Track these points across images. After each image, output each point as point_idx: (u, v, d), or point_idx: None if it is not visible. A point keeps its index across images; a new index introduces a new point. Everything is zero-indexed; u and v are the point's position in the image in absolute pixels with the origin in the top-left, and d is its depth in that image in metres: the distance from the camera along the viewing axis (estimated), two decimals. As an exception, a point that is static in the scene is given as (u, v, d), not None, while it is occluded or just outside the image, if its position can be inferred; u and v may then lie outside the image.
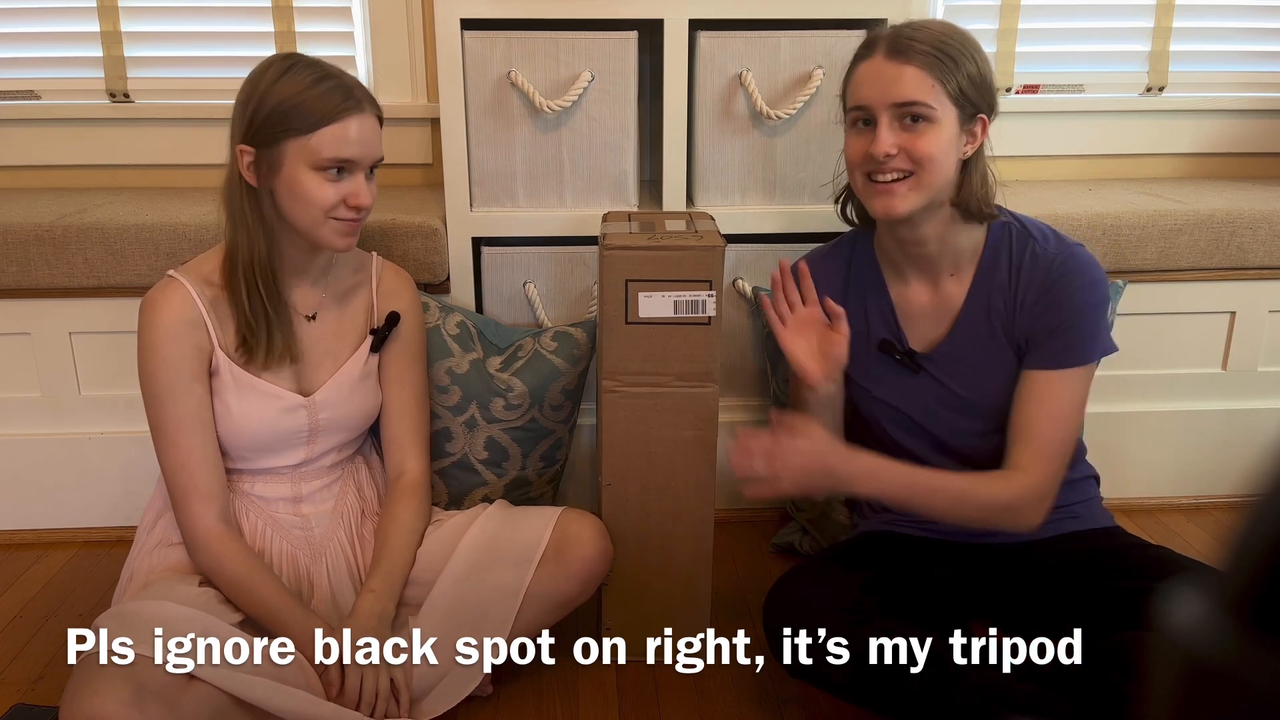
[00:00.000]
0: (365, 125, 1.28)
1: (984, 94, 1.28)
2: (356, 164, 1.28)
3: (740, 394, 1.87)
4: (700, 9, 1.66)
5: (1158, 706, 0.29)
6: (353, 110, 1.26)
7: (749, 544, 1.81)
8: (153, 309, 1.30)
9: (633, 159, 1.72)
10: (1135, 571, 1.30)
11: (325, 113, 1.24)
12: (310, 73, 1.26)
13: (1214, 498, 1.98)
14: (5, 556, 1.80)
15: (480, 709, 1.38)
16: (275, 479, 1.39)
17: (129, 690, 1.04)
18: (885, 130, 1.27)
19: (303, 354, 1.37)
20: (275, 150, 1.25)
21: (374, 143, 1.30)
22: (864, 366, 1.46)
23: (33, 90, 2.08)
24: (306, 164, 1.25)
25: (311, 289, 1.39)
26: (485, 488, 1.64)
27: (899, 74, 1.26)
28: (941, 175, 1.28)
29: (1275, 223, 1.82)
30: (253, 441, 1.34)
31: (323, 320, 1.40)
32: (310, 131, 1.24)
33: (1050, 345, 1.32)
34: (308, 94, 1.24)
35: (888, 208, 1.29)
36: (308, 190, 1.26)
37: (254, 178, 1.27)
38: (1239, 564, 0.27)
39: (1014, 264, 1.35)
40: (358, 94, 1.28)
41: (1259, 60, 2.18)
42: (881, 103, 1.27)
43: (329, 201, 1.27)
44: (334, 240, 1.30)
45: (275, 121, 1.24)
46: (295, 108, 1.24)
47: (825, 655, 1.21)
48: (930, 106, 1.25)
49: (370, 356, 1.43)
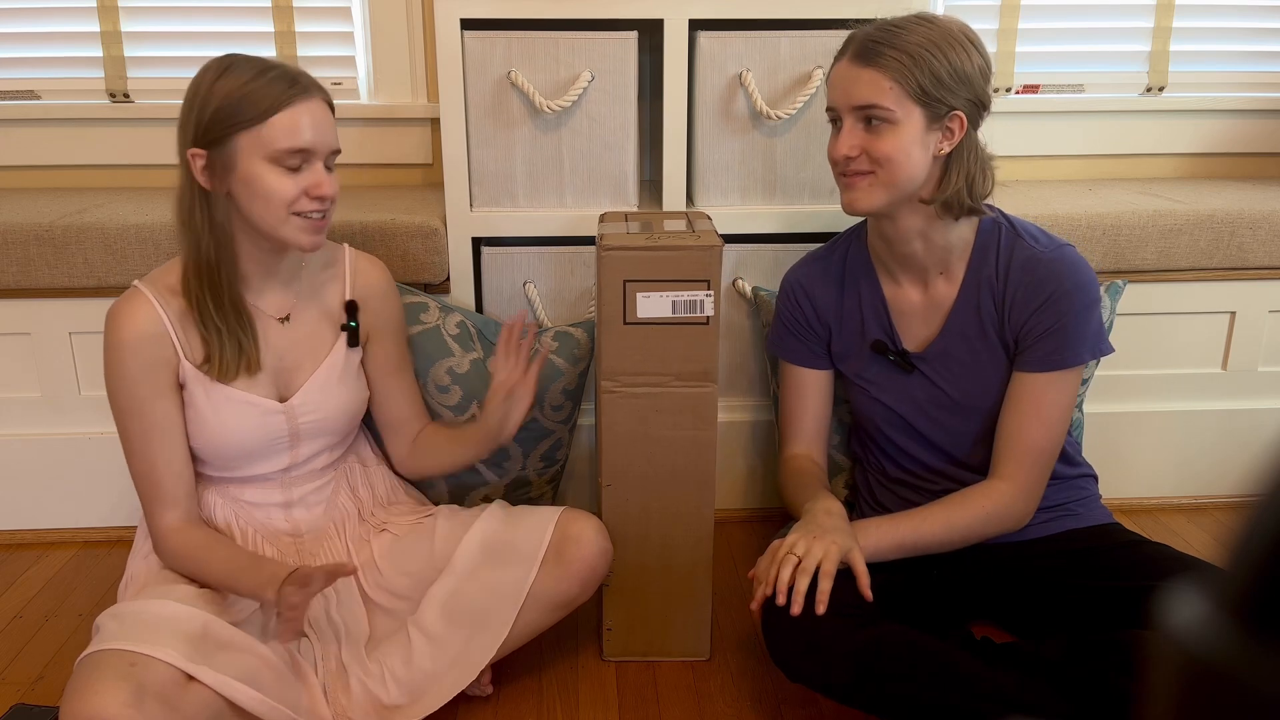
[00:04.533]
0: (316, 112, 1.25)
1: (959, 90, 1.26)
2: (313, 153, 1.25)
3: (740, 394, 1.87)
4: (700, 9, 1.66)
5: (1158, 707, 0.29)
6: (300, 96, 1.23)
7: (749, 544, 1.81)
8: (115, 324, 1.28)
9: (633, 159, 1.72)
10: (1133, 569, 1.30)
11: (273, 101, 1.21)
12: (251, 66, 1.23)
13: (1214, 498, 1.98)
14: (5, 556, 1.80)
15: (480, 709, 1.38)
16: (264, 485, 1.38)
17: (129, 690, 1.04)
18: (846, 132, 1.30)
19: (279, 357, 1.35)
20: (227, 147, 1.22)
21: (327, 130, 1.27)
22: (858, 365, 1.46)
23: (33, 90, 2.08)
24: (262, 157, 1.22)
25: (283, 291, 1.36)
26: (485, 487, 1.64)
27: (858, 77, 1.27)
28: (905, 174, 1.28)
29: (1275, 223, 1.82)
30: (233, 450, 1.33)
31: (297, 321, 1.37)
32: (260, 122, 1.21)
33: (1041, 347, 1.32)
34: (252, 85, 1.21)
35: (850, 202, 1.33)
36: (267, 185, 1.23)
37: (208, 181, 1.24)
38: (1239, 564, 0.27)
39: (1003, 263, 1.35)
40: (304, 81, 1.25)
41: (1259, 60, 2.18)
42: (844, 105, 1.30)
43: (289, 194, 1.23)
44: (299, 238, 1.27)
45: (223, 117, 1.21)
46: (241, 100, 1.21)
47: (825, 658, 1.21)
48: (887, 109, 1.26)
49: (350, 352, 1.41)
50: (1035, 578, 1.38)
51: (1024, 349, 1.34)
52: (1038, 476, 1.34)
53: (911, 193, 1.31)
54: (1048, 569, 1.37)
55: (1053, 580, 1.36)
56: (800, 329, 1.49)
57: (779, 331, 1.53)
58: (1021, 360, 1.34)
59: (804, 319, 1.49)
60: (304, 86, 1.24)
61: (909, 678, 1.17)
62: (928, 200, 1.31)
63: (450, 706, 1.33)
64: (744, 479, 1.90)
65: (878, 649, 1.19)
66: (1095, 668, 1.17)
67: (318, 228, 1.28)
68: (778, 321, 1.53)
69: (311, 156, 1.25)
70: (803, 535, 1.25)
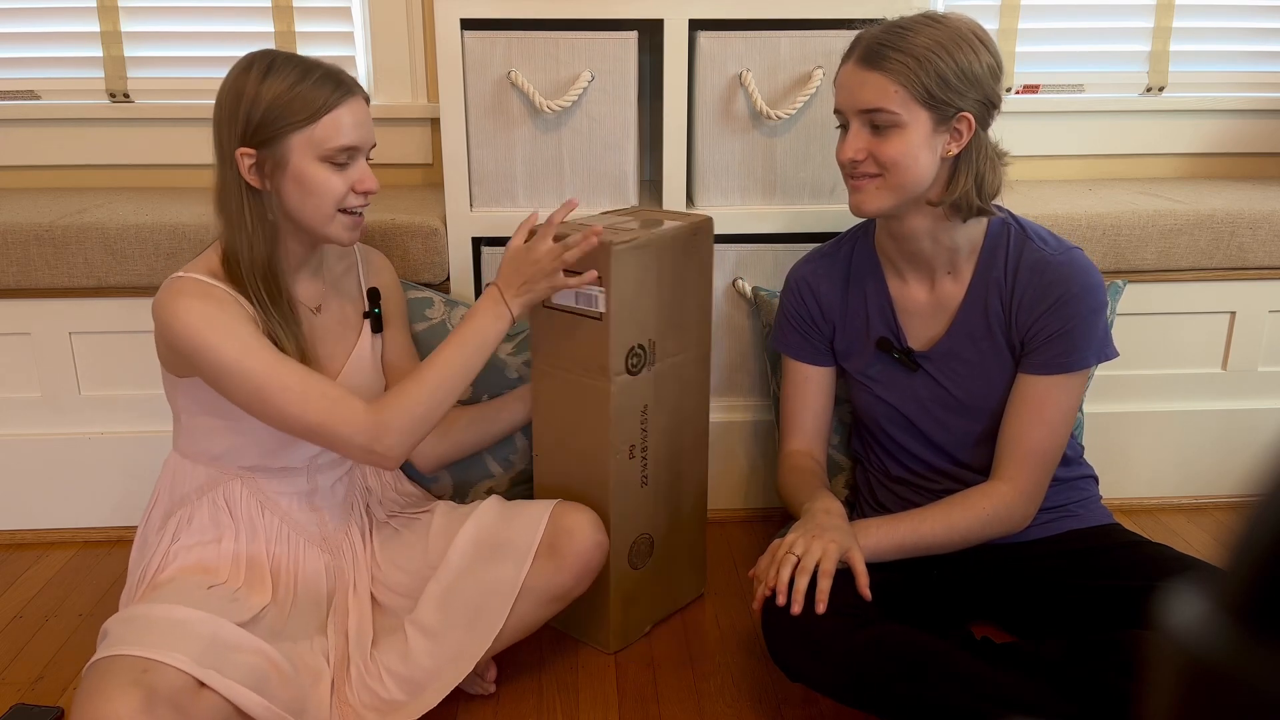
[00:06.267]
0: (360, 109, 1.30)
1: (967, 92, 1.26)
2: (358, 149, 1.30)
3: (740, 394, 1.87)
4: (700, 9, 1.66)
5: (1158, 707, 0.29)
6: (347, 96, 1.28)
7: (749, 544, 1.81)
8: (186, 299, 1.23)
9: (633, 159, 1.72)
10: (1133, 569, 1.30)
11: (323, 101, 1.25)
12: (296, 66, 1.27)
13: (1214, 498, 1.98)
14: (5, 556, 1.80)
15: (480, 708, 1.38)
16: (292, 475, 1.38)
17: (140, 697, 1.04)
18: (853, 136, 1.30)
19: (314, 347, 1.37)
20: (278, 147, 1.25)
21: (369, 126, 1.32)
22: (862, 363, 1.46)
23: (33, 90, 2.08)
24: (314, 156, 1.26)
25: (312, 282, 1.40)
26: (491, 480, 1.64)
27: (864, 81, 1.27)
28: (912, 177, 1.28)
29: (1275, 223, 1.82)
30: (276, 436, 1.32)
31: (327, 311, 1.41)
32: (312, 122, 1.25)
33: (1047, 350, 1.32)
34: (301, 86, 1.25)
35: (858, 204, 1.33)
36: (318, 183, 1.27)
37: (258, 180, 1.27)
38: (1239, 564, 0.27)
39: (1011, 265, 1.35)
40: (347, 80, 1.29)
41: (1259, 60, 2.18)
42: (850, 109, 1.30)
43: (339, 191, 1.28)
44: (342, 235, 1.31)
45: (274, 118, 1.24)
46: (292, 101, 1.24)
47: (825, 658, 1.21)
48: (893, 112, 1.25)
49: (375, 339, 1.46)
50: (1035, 578, 1.38)
51: (1030, 351, 1.34)
52: (1039, 479, 1.34)
53: (919, 195, 1.30)
54: (1048, 569, 1.37)
55: (1053, 580, 1.36)
56: (804, 325, 1.49)
57: (783, 327, 1.53)
58: (1027, 362, 1.34)
59: (808, 315, 1.49)
60: (349, 86, 1.29)
61: (909, 678, 1.17)
62: (935, 202, 1.31)
63: (451, 705, 1.33)
64: (743, 479, 1.90)
65: (877, 649, 1.18)
66: (1095, 668, 1.17)
67: (358, 224, 1.33)
68: (782, 317, 1.53)
69: (357, 153, 1.30)
70: (802, 535, 1.25)
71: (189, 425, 1.36)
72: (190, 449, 1.37)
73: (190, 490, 1.36)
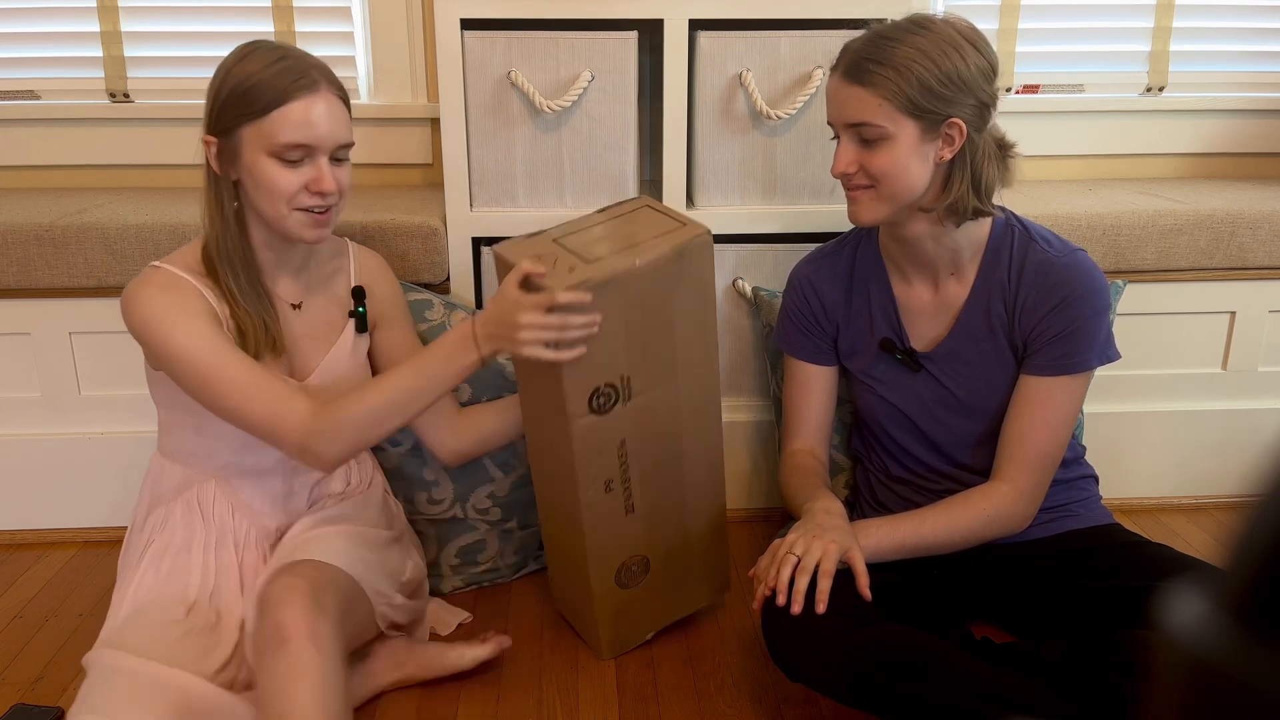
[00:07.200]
0: (321, 106, 1.23)
1: (955, 97, 1.24)
2: (315, 148, 1.23)
3: (741, 394, 1.87)
4: (700, 9, 1.66)
5: (1158, 707, 0.29)
6: (305, 90, 1.21)
7: (750, 544, 1.81)
8: (148, 288, 1.23)
9: (633, 159, 1.72)
10: (1134, 569, 1.31)
11: (277, 94, 1.20)
12: (267, 55, 1.22)
13: (1214, 498, 1.98)
14: (5, 556, 1.80)
15: (480, 708, 1.38)
16: (266, 477, 1.38)
17: None
18: (843, 149, 1.30)
19: (292, 343, 1.36)
20: (233, 138, 1.22)
21: (334, 124, 1.24)
22: (865, 363, 1.46)
23: (33, 90, 2.08)
24: (263, 151, 1.21)
25: (294, 279, 1.38)
26: (491, 484, 1.64)
27: (849, 95, 1.27)
28: (903, 186, 1.28)
29: (1275, 223, 1.82)
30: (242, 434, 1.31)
31: (308, 308, 1.39)
32: (263, 115, 1.20)
33: (1050, 351, 1.32)
34: (261, 75, 1.20)
35: (854, 215, 1.33)
36: (267, 178, 1.22)
37: (220, 167, 1.25)
38: (1239, 564, 0.27)
39: (1015, 266, 1.35)
40: (314, 74, 1.23)
41: (1259, 60, 2.18)
42: (838, 122, 1.30)
43: (290, 189, 1.23)
44: (302, 232, 1.27)
45: (231, 107, 1.21)
46: (249, 91, 1.20)
47: (825, 658, 1.21)
48: (879, 126, 1.25)
49: (358, 339, 1.43)
50: (1035, 578, 1.38)
51: (1033, 352, 1.34)
52: (1040, 480, 1.34)
53: (913, 202, 1.30)
54: (1048, 569, 1.37)
55: (1053, 580, 1.36)
56: (807, 324, 1.49)
57: (785, 327, 1.53)
58: (1029, 364, 1.34)
59: (811, 314, 1.49)
60: (312, 79, 1.23)
61: (909, 678, 1.17)
62: (930, 208, 1.31)
63: (451, 702, 1.33)
64: (745, 479, 1.90)
65: (877, 649, 1.18)
66: (1095, 668, 1.17)
67: (320, 221, 1.27)
68: (784, 316, 1.53)
69: (314, 151, 1.24)
70: (802, 534, 1.25)
71: (165, 421, 1.37)
72: (169, 447, 1.37)
73: (168, 490, 1.36)
